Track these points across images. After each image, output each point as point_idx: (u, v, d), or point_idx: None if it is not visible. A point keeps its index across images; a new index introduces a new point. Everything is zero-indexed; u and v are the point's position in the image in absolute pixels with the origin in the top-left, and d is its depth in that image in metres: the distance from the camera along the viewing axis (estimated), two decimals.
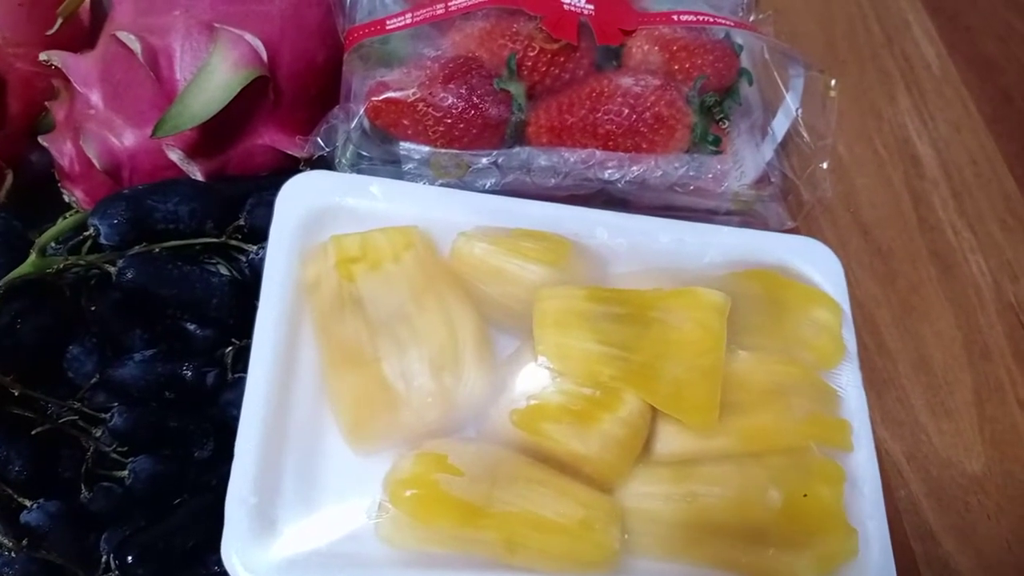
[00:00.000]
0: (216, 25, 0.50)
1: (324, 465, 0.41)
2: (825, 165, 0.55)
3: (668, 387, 0.42)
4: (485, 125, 0.49)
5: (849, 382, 0.49)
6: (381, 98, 0.48)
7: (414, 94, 0.48)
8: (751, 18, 0.58)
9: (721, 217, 0.55)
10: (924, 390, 0.56)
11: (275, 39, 0.52)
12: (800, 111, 0.56)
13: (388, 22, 0.52)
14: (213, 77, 0.49)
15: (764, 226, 0.55)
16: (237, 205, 0.49)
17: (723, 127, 0.54)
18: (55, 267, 0.45)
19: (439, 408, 0.41)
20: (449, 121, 0.48)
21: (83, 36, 0.56)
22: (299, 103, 0.54)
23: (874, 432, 0.49)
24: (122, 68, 0.51)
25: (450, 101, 0.48)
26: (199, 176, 0.51)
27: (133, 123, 0.51)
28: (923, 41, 0.71)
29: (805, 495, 0.43)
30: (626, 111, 0.50)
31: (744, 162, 0.55)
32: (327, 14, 0.54)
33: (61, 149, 0.52)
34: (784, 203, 0.55)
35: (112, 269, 0.45)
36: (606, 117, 0.50)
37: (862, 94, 0.69)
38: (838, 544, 0.43)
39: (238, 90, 0.49)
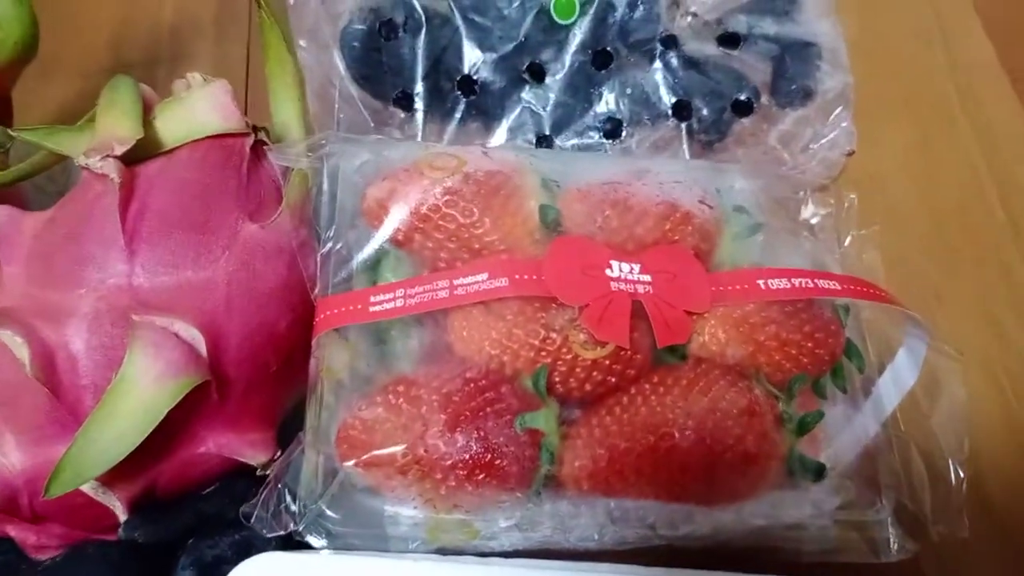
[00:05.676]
0: (135, 317, 0.37)
1: None
2: (962, 474, 0.40)
3: None
4: (503, 480, 0.35)
5: None
6: (364, 459, 0.34)
7: (405, 455, 0.34)
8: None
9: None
10: None
11: (219, 316, 0.38)
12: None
13: (372, 299, 0.38)
14: (130, 399, 0.36)
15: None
16: (167, 567, 0.36)
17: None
18: None
19: None
20: (453, 484, 0.34)
21: None
22: (254, 388, 0.40)
23: None
24: (7, 367, 0.37)
25: (455, 458, 0.34)
26: (119, 507, 0.38)
27: (26, 439, 0.37)
28: None
29: None
30: (700, 448, 0.36)
31: (838, 442, 0.41)
32: (290, 265, 0.41)
33: None
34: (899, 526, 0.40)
35: None
36: (671, 459, 0.36)
37: None
38: None
39: (167, 411, 0.36)
